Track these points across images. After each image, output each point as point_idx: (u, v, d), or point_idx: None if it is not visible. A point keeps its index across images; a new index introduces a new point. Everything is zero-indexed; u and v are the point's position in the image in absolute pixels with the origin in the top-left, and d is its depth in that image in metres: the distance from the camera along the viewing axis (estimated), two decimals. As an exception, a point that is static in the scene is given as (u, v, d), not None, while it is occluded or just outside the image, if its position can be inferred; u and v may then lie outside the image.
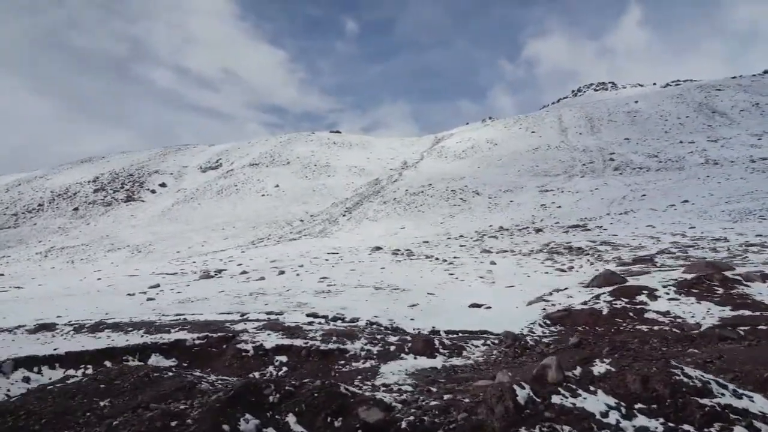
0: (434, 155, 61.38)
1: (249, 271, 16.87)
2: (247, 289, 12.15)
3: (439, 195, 41.01)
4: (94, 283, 16.33)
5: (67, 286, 15.93)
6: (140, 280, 16.58)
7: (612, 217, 24.99)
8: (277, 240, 31.98)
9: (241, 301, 10.51)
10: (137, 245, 35.31)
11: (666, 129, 52.61)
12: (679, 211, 24.36)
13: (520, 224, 27.07)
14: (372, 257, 19.35)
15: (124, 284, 15.46)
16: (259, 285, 13.11)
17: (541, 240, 21.02)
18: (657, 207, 25.90)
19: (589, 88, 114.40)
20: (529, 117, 73.34)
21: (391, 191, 44.95)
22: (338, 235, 32.14)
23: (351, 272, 15.18)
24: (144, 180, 57.73)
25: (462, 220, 32.33)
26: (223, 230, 38.49)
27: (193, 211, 45.59)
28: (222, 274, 16.61)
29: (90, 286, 15.70)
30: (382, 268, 15.82)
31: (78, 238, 39.74)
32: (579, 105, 77.91)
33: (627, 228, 21.62)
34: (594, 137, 54.36)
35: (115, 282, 16.35)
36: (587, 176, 39.83)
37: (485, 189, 40.59)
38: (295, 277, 14.56)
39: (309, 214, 41.55)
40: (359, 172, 56.67)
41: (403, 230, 31.77)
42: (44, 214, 48.66)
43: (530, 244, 20.18)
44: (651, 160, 41.19)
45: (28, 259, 33.89)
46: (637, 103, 66.79)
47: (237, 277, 15.62)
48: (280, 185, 51.95)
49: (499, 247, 20.28)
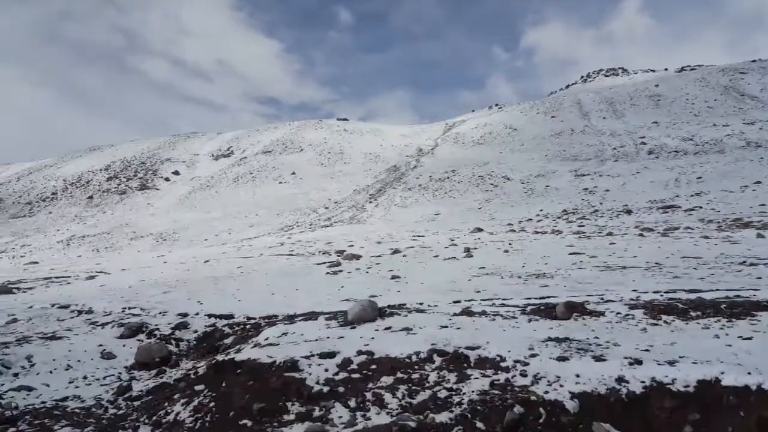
0: (450, 141, 60.17)
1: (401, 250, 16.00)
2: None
3: (466, 181, 39.86)
4: (200, 269, 14.85)
5: (161, 271, 14.65)
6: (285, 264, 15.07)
7: (687, 198, 23.77)
8: (308, 227, 30.84)
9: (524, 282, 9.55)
10: (160, 233, 34.18)
11: (695, 112, 51.32)
12: (760, 191, 23.21)
13: (579, 207, 26.03)
14: (493, 238, 17.99)
15: (257, 270, 13.78)
16: (480, 263, 12.21)
17: (650, 220, 19.70)
18: (728, 188, 24.66)
19: (599, 74, 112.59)
20: (545, 101, 72.02)
21: (413, 177, 43.82)
22: (372, 221, 31.05)
23: (515, 252, 13.92)
24: (157, 168, 56.47)
25: (500, 205, 31.20)
26: (246, 218, 37.36)
27: (212, 199, 44.40)
28: (406, 251, 15.68)
29: (197, 271, 14.23)
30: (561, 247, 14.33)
31: (97, 226, 38.54)
32: (594, 90, 76.54)
33: (729, 207, 20.38)
34: (619, 121, 53.08)
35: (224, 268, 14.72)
36: (621, 160, 38.61)
37: (514, 174, 39.42)
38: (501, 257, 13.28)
39: (332, 201, 40.39)
40: (374, 158, 55.48)
41: (439, 216, 30.69)
42: (59, 202, 47.47)
43: (661, 224, 18.30)
44: (687, 143, 39.94)
45: (50, 247, 32.75)
46: (658, 87, 65.44)
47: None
48: (297, 172, 50.76)
49: (624, 224, 19.02)
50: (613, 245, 13.95)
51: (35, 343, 6.54)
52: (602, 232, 17.35)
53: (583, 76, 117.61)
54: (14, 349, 6.18)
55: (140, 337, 7.11)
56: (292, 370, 4.57)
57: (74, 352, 6.40)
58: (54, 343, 6.56)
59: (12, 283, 12.35)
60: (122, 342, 6.96)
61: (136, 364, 6.28)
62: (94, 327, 7.57)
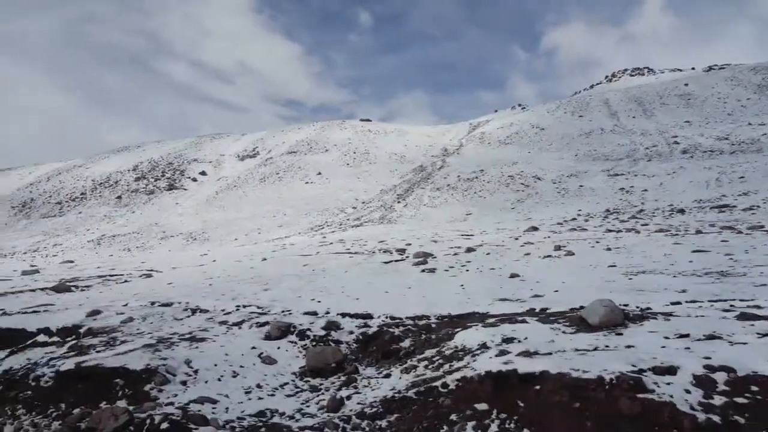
0: (475, 141, 59.64)
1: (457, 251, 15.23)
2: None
3: (496, 180, 39.37)
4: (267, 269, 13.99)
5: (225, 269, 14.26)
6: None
7: (734, 198, 23.06)
8: (338, 226, 30.64)
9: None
10: (190, 233, 34.28)
11: (728, 111, 50.14)
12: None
13: (620, 207, 25.47)
14: (569, 237, 17.03)
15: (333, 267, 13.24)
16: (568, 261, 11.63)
17: (710, 219, 18.92)
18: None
19: (624, 74, 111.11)
20: (571, 101, 71.00)
21: (441, 177, 43.40)
22: (403, 221, 30.74)
23: (620, 251, 13.03)
24: (184, 168, 56.82)
25: (533, 205, 30.73)
26: (274, 217, 37.31)
27: (240, 199, 44.49)
28: (477, 249, 15.07)
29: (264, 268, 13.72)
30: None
31: (126, 226, 38.83)
32: (620, 89, 75.34)
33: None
34: (649, 120, 52.07)
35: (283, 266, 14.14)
36: (654, 160, 37.84)
37: (545, 174, 38.84)
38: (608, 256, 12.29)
39: (360, 201, 40.18)
40: (400, 158, 55.17)
41: (471, 216, 30.31)
42: (88, 202, 47.98)
43: (731, 222, 17.37)
44: (722, 142, 39.01)
45: (82, 247, 33.00)
46: (687, 86, 64.11)
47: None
48: (323, 172, 50.66)
49: (687, 223, 18.37)
50: (725, 243, 12.78)
51: (181, 345, 6.09)
52: (682, 230, 16.28)
53: (608, 75, 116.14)
54: (166, 352, 5.75)
55: (291, 339, 6.65)
56: (638, 390, 3.59)
57: (232, 356, 5.90)
58: (204, 346, 6.10)
59: (68, 282, 12.27)
60: (273, 344, 6.48)
61: (307, 369, 5.78)
62: (228, 327, 7.10)
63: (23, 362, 6.04)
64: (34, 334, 7.13)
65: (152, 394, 4.98)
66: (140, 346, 6.08)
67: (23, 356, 6.32)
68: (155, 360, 5.50)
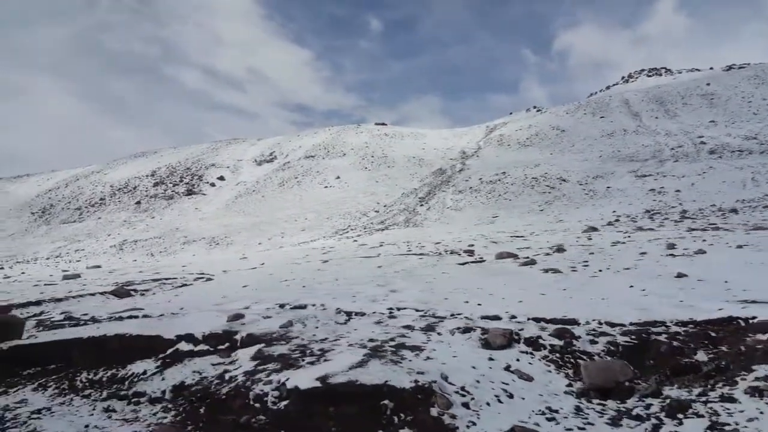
0: (494, 144, 59.03)
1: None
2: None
3: (519, 182, 38.73)
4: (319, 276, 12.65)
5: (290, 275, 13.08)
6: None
7: None
8: (363, 230, 30.22)
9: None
10: (213, 237, 34.01)
11: (754, 110, 49.17)
12: None
13: (657, 208, 24.77)
14: (649, 236, 15.62)
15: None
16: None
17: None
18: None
19: (641, 74, 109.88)
20: (590, 102, 70.23)
21: (462, 180, 42.87)
22: (428, 224, 30.30)
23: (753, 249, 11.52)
24: (202, 173, 56.75)
25: (562, 207, 30.08)
26: (296, 222, 36.96)
27: (259, 203, 44.24)
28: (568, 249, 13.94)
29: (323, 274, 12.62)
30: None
31: (148, 231, 38.69)
32: (639, 90, 74.38)
33: None
34: (672, 120, 51.25)
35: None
36: (681, 161, 37.03)
37: (570, 175, 38.15)
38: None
39: (381, 204, 39.75)
40: (418, 162, 54.70)
41: (497, 218, 29.76)
42: (107, 208, 48.03)
43: None
44: (750, 142, 38.15)
45: (104, 252, 32.89)
46: (709, 85, 63.14)
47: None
48: (341, 176, 50.33)
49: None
50: None
51: (406, 355, 5.10)
52: None
53: (624, 76, 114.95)
54: (408, 364, 4.79)
55: (522, 348, 5.51)
56: None
57: (480, 370, 4.85)
58: (435, 356, 5.10)
59: (125, 286, 11.90)
60: (505, 354, 5.35)
61: (590, 389, 4.64)
62: (424, 332, 6.05)
63: (193, 376, 5.25)
64: (173, 341, 6.18)
65: (446, 421, 3.92)
66: (361, 356, 5.01)
67: (185, 368, 5.45)
68: (412, 375, 4.47)
